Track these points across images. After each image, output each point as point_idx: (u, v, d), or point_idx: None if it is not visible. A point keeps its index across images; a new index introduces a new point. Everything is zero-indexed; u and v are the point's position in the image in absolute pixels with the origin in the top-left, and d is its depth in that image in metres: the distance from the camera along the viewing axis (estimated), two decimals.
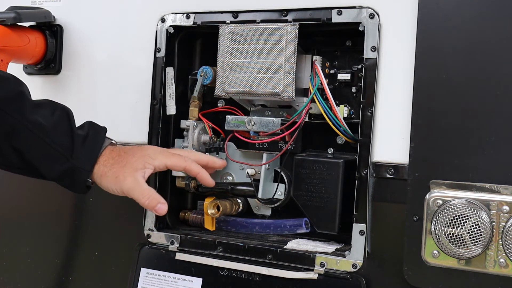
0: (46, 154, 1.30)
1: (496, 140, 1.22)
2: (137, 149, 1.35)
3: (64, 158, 1.30)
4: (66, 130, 1.32)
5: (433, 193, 1.26)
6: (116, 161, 1.31)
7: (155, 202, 1.29)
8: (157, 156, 1.34)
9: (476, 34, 1.24)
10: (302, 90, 1.49)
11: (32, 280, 1.76)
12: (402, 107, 1.32)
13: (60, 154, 1.30)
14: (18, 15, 1.63)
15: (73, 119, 1.35)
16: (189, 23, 1.55)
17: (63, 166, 1.30)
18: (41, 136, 1.29)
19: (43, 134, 1.29)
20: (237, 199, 1.56)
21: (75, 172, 1.31)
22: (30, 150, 1.29)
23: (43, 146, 1.29)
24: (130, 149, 1.35)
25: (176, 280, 1.51)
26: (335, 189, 1.40)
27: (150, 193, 1.29)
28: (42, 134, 1.29)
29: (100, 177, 1.32)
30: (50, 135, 1.30)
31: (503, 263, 1.21)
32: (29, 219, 1.77)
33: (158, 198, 1.30)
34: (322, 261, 1.38)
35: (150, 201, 1.28)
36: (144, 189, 1.29)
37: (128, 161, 1.31)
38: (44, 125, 1.30)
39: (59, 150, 1.30)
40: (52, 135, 1.30)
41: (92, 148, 1.33)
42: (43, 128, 1.29)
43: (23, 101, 1.30)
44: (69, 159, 1.30)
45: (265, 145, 1.49)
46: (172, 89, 1.58)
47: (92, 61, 1.69)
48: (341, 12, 1.38)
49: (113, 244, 1.65)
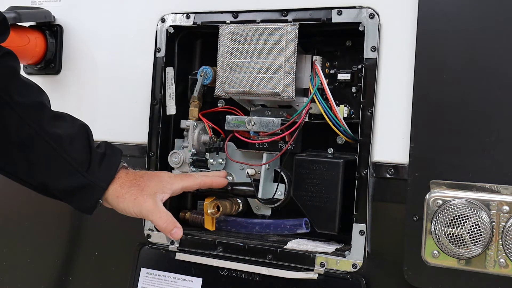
0: (60, 168, 1.28)
1: (496, 140, 1.22)
2: (153, 175, 1.38)
3: (79, 173, 1.29)
4: (84, 145, 1.31)
5: (433, 193, 1.26)
6: (133, 184, 1.33)
7: (172, 226, 1.33)
8: (173, 180, 1.38)
9: (476, 34, 1.24)
10: (302, 90, 1.49)
11: (32, 280, 1.76)
12: (402, 107, 1.32)
13: (76, 169, 1.28)
14: (18, 15, 1.63)
15: (91, 136, 1.34)
16: (189, 23, 1.55)
17: (77, 181, 1.29)
18: (57, 149, 1.27)
19: (60, 147, 1.28)
20: (237, 199, 1.56)
21: (89, 189, 1.30)
22: (43, 163, 1.28)
23: (58, 159, 1.27)
24: (146, 173, 1.38)
25: (176, 280, 1.51)
26: (335, 189, 1.40)
27: (167, 217, 1.33)
28: (59, 146, 1.27)
29: (117, 198, 1.32)
30: (67, 148, 1.28)
31: (503, 263, 1.21)
32: (29, 219, 1.77)
33: (175, 222, 1.33)
34: (322, 261, 1.38)
35: (168, 225, 1.32)
36: (162, 212, 1.32)
37: (146, 185, 1.33)
38: (62, 138, 1.28)
39: (75, 165, 1.28)
40: (69, 148, 1.29)
41: (110, 167, 1.33)
42: (61, 141, 1.28)
43: (43, 112, 1.29)
44: (85, 175, 1.29)
45: (265, 145, 1.49)
46: (172, 89, 1.58)
47: (92, 61, 1.69)
48: (341, 12, 1.38)
49: (113, 244, 1.65)
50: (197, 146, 1.53)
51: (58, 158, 1.27)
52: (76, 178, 1.29)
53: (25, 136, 1.26)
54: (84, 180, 1.29)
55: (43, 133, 1.27)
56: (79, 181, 1.29)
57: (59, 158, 1.28)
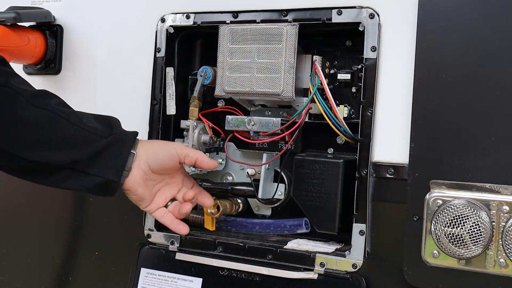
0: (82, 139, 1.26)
1: (496, 140, 1.22)
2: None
3: (103, 138, 1.27)
4: (97, 117, 1.32)
5: (433, 193, 1.26)
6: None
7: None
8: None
9: (476, 34, 1.24)
10: (302, 90, 1.49)
11: (32, 280, 1.76)
12: (402, 107, 1.32)
13: (100, 135, 1.27)
14: (18, 15, 1.63)
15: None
16: (189, 23, 1.55)
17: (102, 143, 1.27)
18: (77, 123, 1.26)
19: (79, 121, 1.27)
20: (237, 199, 1.56)
21: (119, 143, 1.28)
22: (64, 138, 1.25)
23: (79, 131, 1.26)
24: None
25: (176, 280, 1.51)
26: (335, 189, 1.40)
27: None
28: (77, 122, 1.27)
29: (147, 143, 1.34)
30: (85, 121, 1.28)
31: (503, 263, 1.21)
32: (29, 219, 1.77)
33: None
34: (322, 261, 1.38)
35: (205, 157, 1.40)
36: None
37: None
38: (76, 114, 1.28)
39: (99, 133, 1.27)
40: (87, 121, 1.28)
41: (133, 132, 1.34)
42: (76, 116, 1.27)
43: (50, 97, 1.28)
44: (107, 137, 1.27)
45: (265, 145, 1.49)
46: (172, 89, 1.58)
47: (92, 61, 1.69)
48: (341, 12, 1.38)
49: (113, 244, 1.65)
50: (197, 146, 1.53)
51: (78, 130, 1.26)
52: (101, 142, 1.27)
53: (40, 117, 1.24)
54: (112, 138, 1.28)
55: (57, 111, 1.26)
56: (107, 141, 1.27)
57: (80, 130, 1.26)
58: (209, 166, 1.40)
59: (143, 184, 1.32)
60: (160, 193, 1.38)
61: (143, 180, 1.32)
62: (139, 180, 1.31)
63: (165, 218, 1.38)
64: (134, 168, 1.30)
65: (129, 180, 1.30)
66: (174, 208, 1.38)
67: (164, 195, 1.38)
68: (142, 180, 1.32)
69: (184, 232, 1.39)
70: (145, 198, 1.35)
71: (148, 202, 1.36)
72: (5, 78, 1.24)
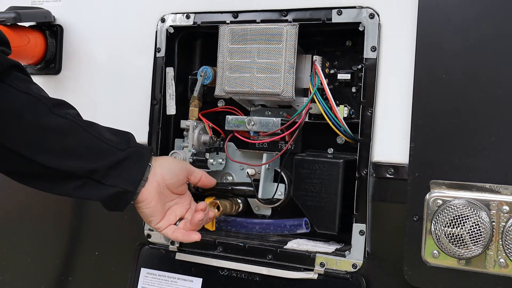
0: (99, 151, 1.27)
1: (496, 140, 1.22)
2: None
3: (120, 151, 1.28)
4: (115, 131, 1.32)
5: (433, 193, 1.26)
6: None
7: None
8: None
9: (476, 34, 1.24)
10: (302, 90, 1.49)
11: (32, 280, 1.76)
12: (402, 107, 1.32)
13: (117, 148, 1.28)
14: (18, 15, 1.63)
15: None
16: (189, 23, 1.55)
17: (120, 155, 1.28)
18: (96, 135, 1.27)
19: (98, 133, 1.28)
20: (237, 199, 1.56)
21: (137, 157, 1.29)
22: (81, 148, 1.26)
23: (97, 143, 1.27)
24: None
25: (176, 280, 1.51)
26: (335, 189, 1.40)
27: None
28: (96, 133, 1.27)
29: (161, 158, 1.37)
30: (103, 134, 1.28)
31: (503, 263, 1.21)
32: (29, 219, 1.77)
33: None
34: (322, 261, 1.38)
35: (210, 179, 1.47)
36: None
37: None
38: (95, 125, 1.29)
39: (116, 146, 1.28)
40: (105, 134, 1.29)
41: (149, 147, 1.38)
42: (94, 128, 1.28)
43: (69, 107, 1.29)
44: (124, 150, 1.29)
45: (265, 145, 1.49)
46: (172, 89, 1.58)
47: (92, 61, 1.69)
48: (341, 12, 1.38)
49: (113, 244, 1.65)
50: (197, 146, 1.53)
51: (97, 141, 1.27)
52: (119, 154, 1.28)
53: (61, 125, 1.25)
54: (130, 151, 1.29)
55: (77, 120, 1.27)
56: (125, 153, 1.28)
57: (99, 142, 1.27)
58: (211, 184, 1.46)
59: (157, 197, 1.33)
60: (171, 210, 1.38)
61: (157, 192, 1.32)
62: (153, 192, 1.32)
63: (176, 233, 1.36)
64: (150, 179, 1.31)
65: (145, 190, 1.31)
66: (185, 225, 1.37)
67: (175, 213, 1.38)
68: (157, 192, 1.32)
69: (197, 238, 1.36)
70: (158, 213, 1.34)
71: (159, 218, 1.35)
72: (27, 85, 1.25)
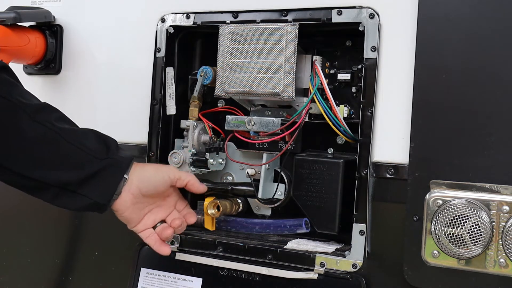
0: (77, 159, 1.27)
1: (496, 140, 1.22)
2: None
3: (97, 159, 1.28)
4: (98, 136, 1.32)
5: (433, 193, 1.26)
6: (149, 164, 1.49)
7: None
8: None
9: (476, 34, 1.24)
10: (302, 90, 1.49)
11: (32, 280, 1.76)
12: (402, 107, 1.32)
13: (95, 156, 1.28)
14: (18, 15, 1.63)
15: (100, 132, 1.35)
16: (189, 23, 1.55)
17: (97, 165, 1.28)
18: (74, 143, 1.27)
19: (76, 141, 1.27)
20: (237, 199, 1.56)
21: (113, 167, 1.29)
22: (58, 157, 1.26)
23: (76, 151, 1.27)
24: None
25: (176, 280, 1.51)
26: (335, 189, 1.40)
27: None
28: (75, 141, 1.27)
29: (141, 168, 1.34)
30: (83, 141, 1.28)
31: (503, 263, 1.21)
32: (29, 219, 1.77)
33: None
34: (322, 261, 1.38)
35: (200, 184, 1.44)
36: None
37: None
38: (76, 132, 1.29)
39: (94, 154, 1.28)
40: (85, 142, 1.29)
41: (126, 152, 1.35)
42: (75, 135, 1.28)
43: (51, 112, 1.29)
44: (106, 158, 1.29)
45: (265, 145, 1.49)
46: (172, 89, 1.58)
47: (92, 61, 1.69)
48: (341, 12, 1.38)
49: (113, 244, 1.65)
50: (197, 146, 1.53)
51: (74, 150, 1.27)
52: (95, 164, 1.28)
53: (39, 134, 1.25)
54: (106, 162, 1.29)
55: (56, 128, 1.26)
56: (101, 164, 1.28)
57: (77, 150, 1.27)
58: (199, 190, 1.43)
59: (131, 208, 1.34)
60: (150, 214, 1.39)
61: (132, 203, 1.33)
62: (127, 204, 1.33)
63: (149, 239, 1.39)
64: (123, 192, 1.31)
65: (117, 203, 1.32)
66: (162, 231, 1.38)
67: (154, 216, 1.39)
68: (131, 203, 1.33)
69: (166, 253, 1.39)
70: (132, 220, 1.36)
71: (135, 223, 1.37)
72: (7, 89, 1.24)
